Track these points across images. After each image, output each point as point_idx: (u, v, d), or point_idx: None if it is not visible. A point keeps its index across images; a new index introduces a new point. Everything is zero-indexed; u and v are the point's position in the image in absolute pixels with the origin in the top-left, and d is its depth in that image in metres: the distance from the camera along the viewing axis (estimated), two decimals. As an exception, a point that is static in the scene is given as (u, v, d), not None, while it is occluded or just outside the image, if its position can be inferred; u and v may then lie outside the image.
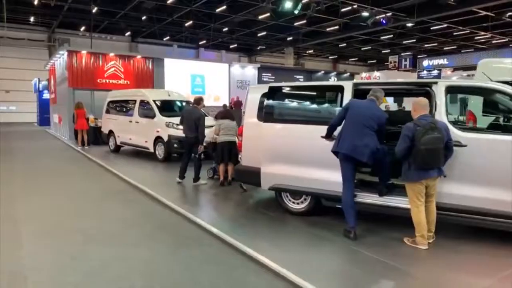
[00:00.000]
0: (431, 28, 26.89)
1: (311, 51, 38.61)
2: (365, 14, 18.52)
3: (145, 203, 5.81)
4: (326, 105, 4.83)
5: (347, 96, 4.37)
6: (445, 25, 24.84)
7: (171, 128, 9.09)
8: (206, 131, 9.14)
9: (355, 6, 19.78)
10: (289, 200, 4.89)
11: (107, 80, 15.63)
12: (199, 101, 7.12)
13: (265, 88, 5.06)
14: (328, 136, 4.25)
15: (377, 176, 4.48)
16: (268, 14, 23.75)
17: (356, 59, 43.25)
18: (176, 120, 7.96)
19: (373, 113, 3.98)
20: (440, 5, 19.94)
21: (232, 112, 9.64)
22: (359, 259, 3.61)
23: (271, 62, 34.70)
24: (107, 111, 11.70)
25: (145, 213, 5.27)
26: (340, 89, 4.45)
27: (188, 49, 33.06)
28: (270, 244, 3.95)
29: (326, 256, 3.74)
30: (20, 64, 28.28)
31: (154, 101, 9.90)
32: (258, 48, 36.29)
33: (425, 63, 23.52)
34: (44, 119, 22.70)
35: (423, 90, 4.28)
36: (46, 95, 22.88)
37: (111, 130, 11.30)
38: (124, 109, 11.11)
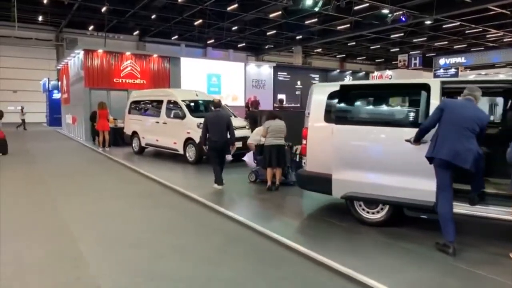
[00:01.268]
0: (444, 26, 26.54)
1: (319, 50, 38.23)
2: (385, 11, 18.12)
3: (196, 209, 5.41)
4: (409, 105, 4.44)
5: (435, 96, 3.97)
6: (457, 23, 24.49)
7: (203, 129, 8.69)
8: (242, 132, 8.88)
9: (369, 4, 19.42)
10: (363, 209, 4.50)
11: (124, 80, 15.25)
12: (220, 104, 7.03)
13: (332, 87, 4.67)
14: (418, 140, 3.85)
15: (461, 182, 4.08)
16: (279, 12, 23.40)
17: (364, 57, 42.88)
18: None
19: (475, 114, 3.59)
20: (455, 2, 19.56)
21: (257, 113, 9.30)
22: (472, 278, 3.23)
23: (279, 61, 34.32)
24: (130, 112, 11.30)
25: (203, 221, 4.88)
26: (426, 87, 4.06)
27: (195, 48, 32.68)
28: (361, 261, 3.55)
29: (434, 277, 3.32)
30: (27, 63, 27.91)
31: (183, 101, 9.51)
32: (266, 47, 35.91)
33: (442, 61, 23.03)
34: (54, 120, 22.30)
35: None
36: (56, 95, 22.48)
37: (135, 131, 10.91)
38: (150, 109, 10.71)
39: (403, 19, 19.05)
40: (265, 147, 6.31)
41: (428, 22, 22.87)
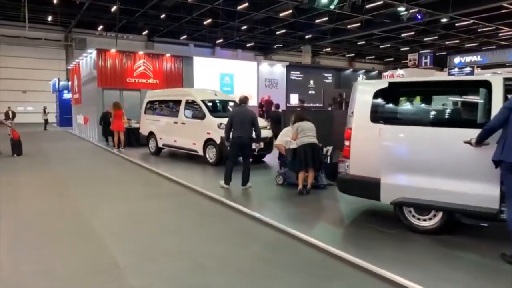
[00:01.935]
0: (456, 25, 26.05)
1: (327, 49, 37.87)
2: (401, 8, 17.75)
3: (227, 213, 5.13)
4: (466, 104, 4.13)
5: (497, 93, 3.66)
6: (470, 21, 24.03)
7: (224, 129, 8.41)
8: (263, 133, 8.62)
9: (383, 2, 19.08)
10: (413, 215, 4.19)
11: (136, 80, 15.06)
12: (246, 100, 6.78)
13: (379, 85, 4.37)
14: (481, 142, 3.55)
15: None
16: (290, 11, 23.14)
17: (373, 57, 42.45)
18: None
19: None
20: (470, 0, 19.09)
21: (280, 113, 9.00)
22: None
23: (287, 61, 34.07)
24: (146, 112, 11.07)
25: (237, 227, 4.58)
26: (486, 85, 3.75)
27: (204, 48, 32.50)
28: (422, 273, 3.24)
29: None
30: (36, 64, 27.90)
31: (202, 101, 9.24)
32: (275, 46, 35.64)
33: (457, 60, 22.67)
34: (64, 120, 22.19)
35: None
36: (66, 95, 22.38)
37: (152, 132, 10.67)
38: (167, 109, 10.47)
39: (419, 17, 18.68)
40: (298, 148, 6.01)
41: (444, 20, 22.34)
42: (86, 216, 5.03)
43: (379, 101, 4.30)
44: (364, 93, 4.42)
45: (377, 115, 4.27)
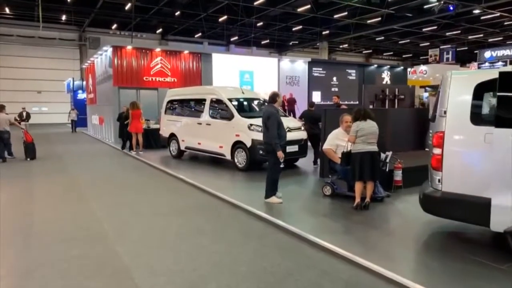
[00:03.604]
0: (482, 18, 24.65)
1: (344, 46, 36.71)
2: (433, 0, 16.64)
3: (278, 236, 4.26)
4: None
5: None
6: (498, 14, 22.66)
7: (255, 131, 7.55)
8: (295, 134, 7.71)
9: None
10: (531, 246, 3.24)
11: (153, 78, 14.31)
12: (274, 97, 5.61)
13: (483, 76, 3.42)
14: None
15: None
16: (308, 6, 22.23)
17: (391, 53, 41.06)
18: (258, 121, 6.53)
19: None
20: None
21: (316, 113, 8.07)
22: None
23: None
24: (167, 112, 10.27)
25: (296, 258, 3.69)
26: None
27: (218, 46, 31.78)
28: None
29: None
30: (51, 64, 27.56)
31: (229, 99, 8.38)
32: (290, 43, 34.66)
33: (487, 54, 21.36)
34: (78, 120, 21.60)
35: None
36: (80, 95, 21.86)
37: (173, 133, 9.86)
38: (190, 109, 9.65)
39: (451, 8, 17.49)
40: (354, 155, 5.09)
41: (477, 11, 20.96)
42: (113, 242, 4.20)
43: (484, 97, 3.36)
44: (460, 88, 3.47)
45: (481, 116, 3.34)
